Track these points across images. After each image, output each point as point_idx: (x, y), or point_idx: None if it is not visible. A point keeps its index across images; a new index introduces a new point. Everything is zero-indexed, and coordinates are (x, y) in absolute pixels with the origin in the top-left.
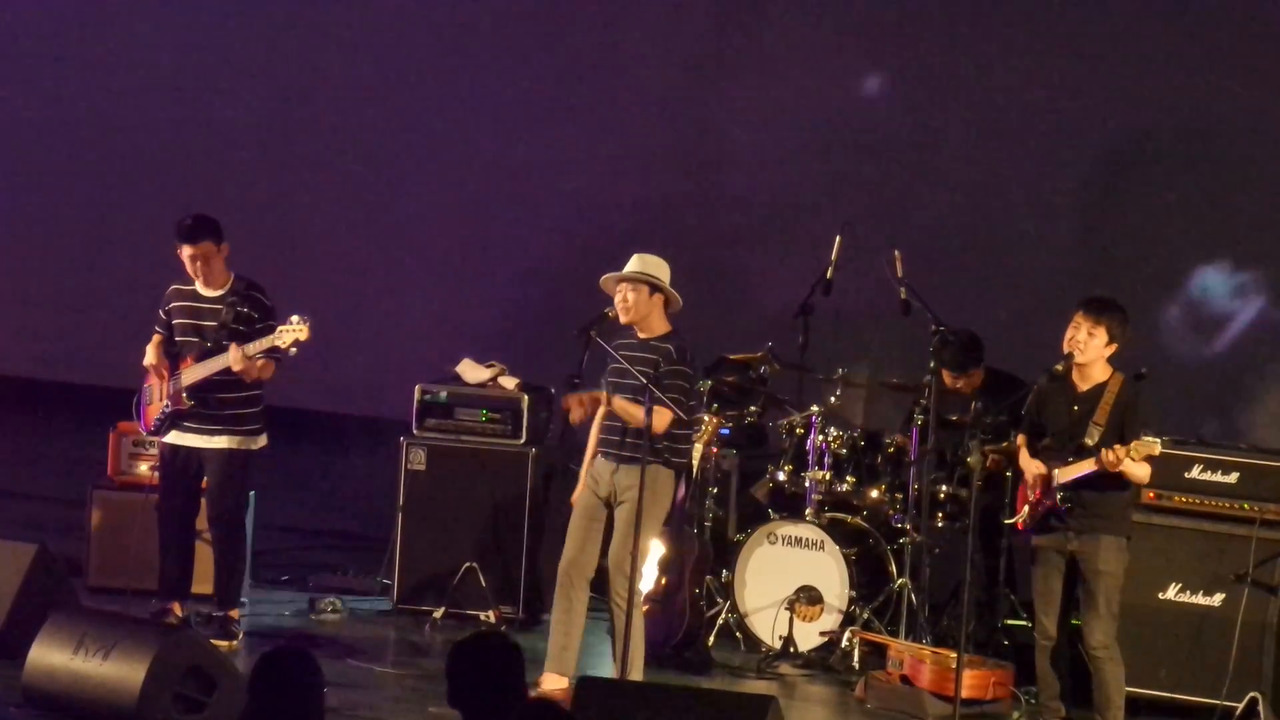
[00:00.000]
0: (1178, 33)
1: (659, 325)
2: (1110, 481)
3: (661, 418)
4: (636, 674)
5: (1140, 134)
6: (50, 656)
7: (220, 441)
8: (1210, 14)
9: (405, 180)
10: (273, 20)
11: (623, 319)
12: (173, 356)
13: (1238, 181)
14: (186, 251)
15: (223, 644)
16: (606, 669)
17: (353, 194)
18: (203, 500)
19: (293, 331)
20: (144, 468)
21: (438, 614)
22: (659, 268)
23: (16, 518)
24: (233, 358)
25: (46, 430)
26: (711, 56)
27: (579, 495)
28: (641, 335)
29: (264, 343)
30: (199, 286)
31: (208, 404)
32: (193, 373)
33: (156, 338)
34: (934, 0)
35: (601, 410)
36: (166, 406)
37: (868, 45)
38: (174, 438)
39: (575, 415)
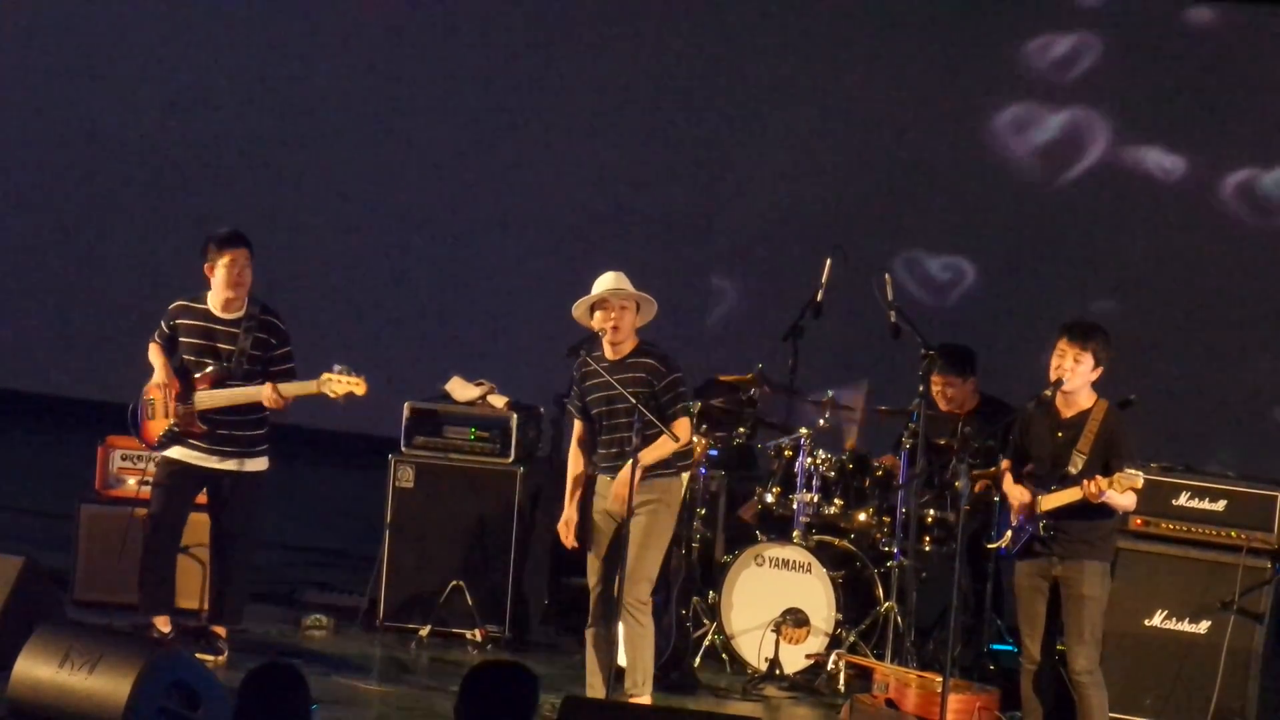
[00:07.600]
0: None
1: (630, 342)
2: (1095, 508)
3: (680, 428)
4: (647, 686)
5: None
6: (36, 669)
7: (233, 464)
8: None
9: (397, 198)
10: (270, 38)
11: (612, 339)
12: (177, 372)
13: None
14: (227, 257)
15: (208, 658)
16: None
17: (344, 211)
18: (200, 516)
19: (347, 385)
20: (132, 481)
21: (424, 632)
22: (628, 283)
23: (3, 530)
24: (266, 396)
25: (34, 443)
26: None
27: (594, 522)
28: (613, 356)
29: (307, 387)
30: (213, 308)
31: (221, 425)
32: (213, 398)
33: (161, 354)
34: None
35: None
36: (175, 426)
37: (864, 69)
38: (178, 453)
39: (568, 539)
